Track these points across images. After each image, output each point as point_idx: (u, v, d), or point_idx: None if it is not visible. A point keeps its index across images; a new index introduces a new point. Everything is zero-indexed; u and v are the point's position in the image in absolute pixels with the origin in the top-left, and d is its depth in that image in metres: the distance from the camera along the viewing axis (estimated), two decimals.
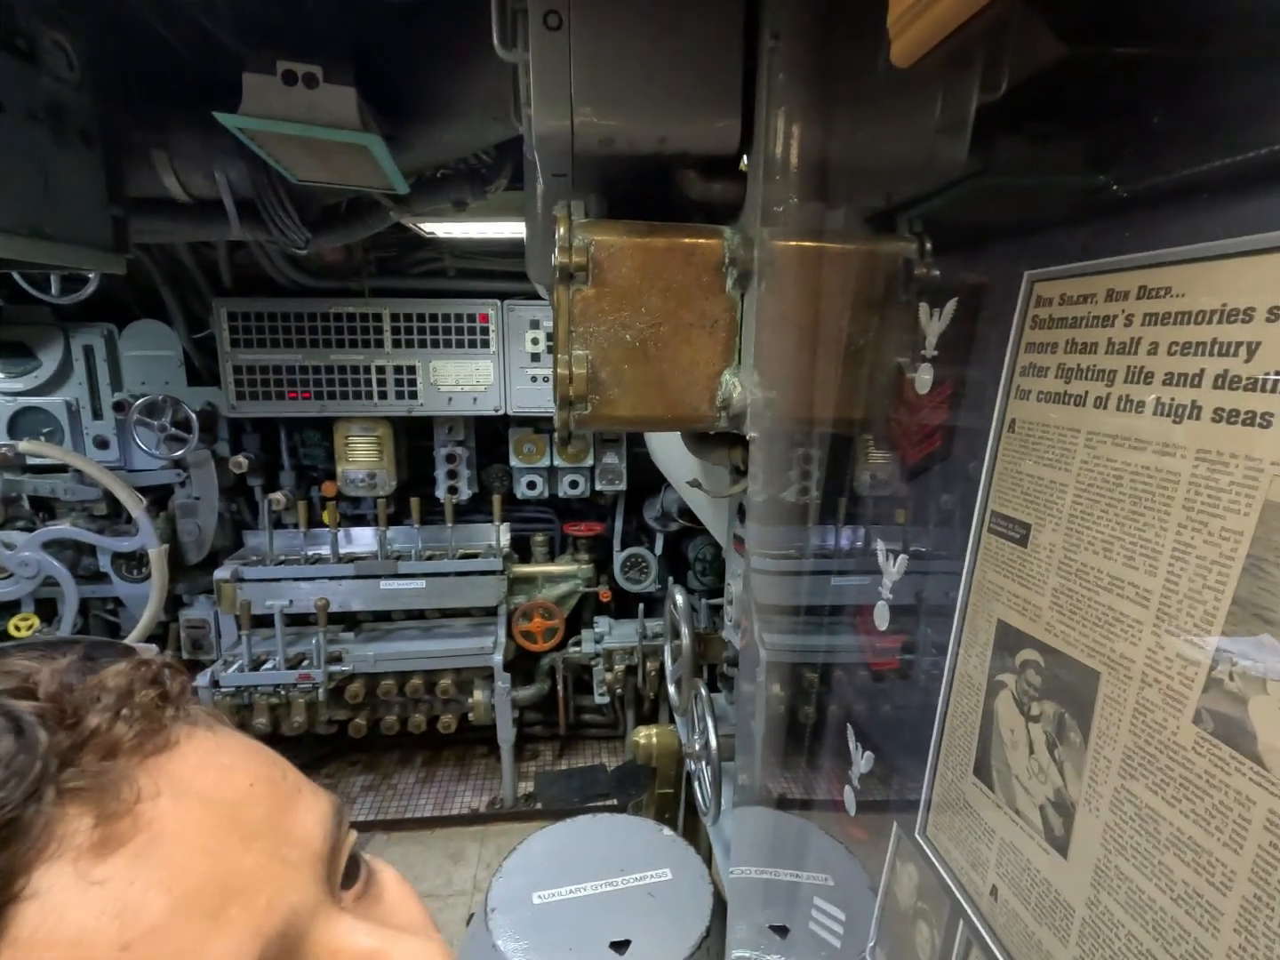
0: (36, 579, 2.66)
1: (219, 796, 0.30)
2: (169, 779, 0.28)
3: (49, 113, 1.50)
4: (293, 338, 2.63)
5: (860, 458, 0.96)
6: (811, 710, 0.95)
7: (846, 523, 0.94)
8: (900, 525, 0.80)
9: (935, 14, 0.42)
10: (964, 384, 0.67)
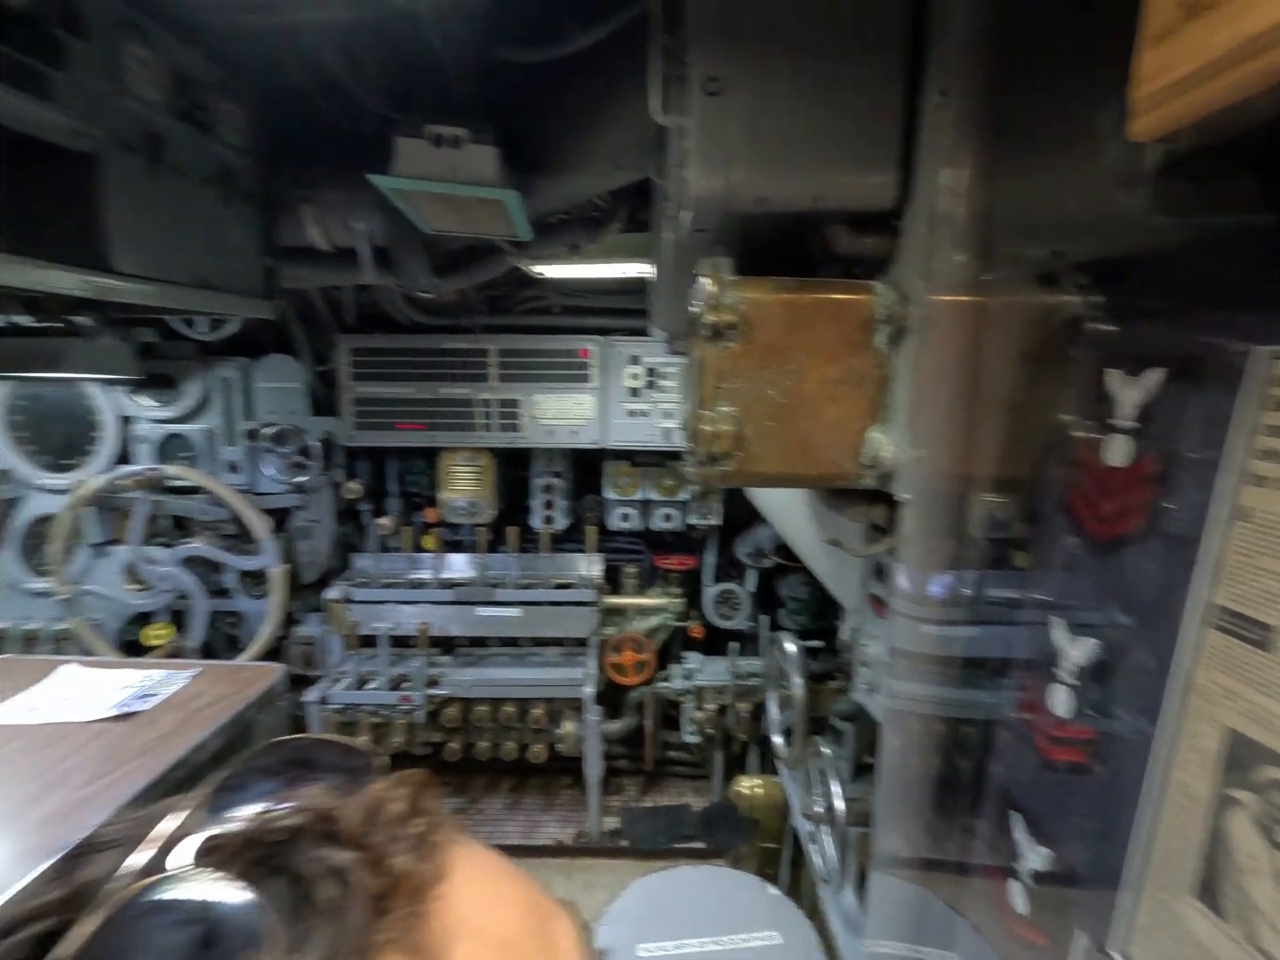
0: (173, 592, 2.88)
1: (500, 936, 0.30)
2: (454, 917, 0.28)
3: (219, 176, 1.65)
4: (407, 372, 2.77)
5: (1022, 523, 0.91)
6: (966, 786, 0.90)
7: (1010, 590, 0.89)
8: (1079, 602, 0.75)
9: (1202, 95, 0.39)
10: (1171, 461, 0.62)
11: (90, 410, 2.95)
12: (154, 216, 1.43)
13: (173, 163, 1.49)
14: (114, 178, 1.32)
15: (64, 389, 2.93)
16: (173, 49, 1.47)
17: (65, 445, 2.97)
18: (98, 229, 1.31)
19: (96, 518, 2.92)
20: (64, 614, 2.87)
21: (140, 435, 2.94)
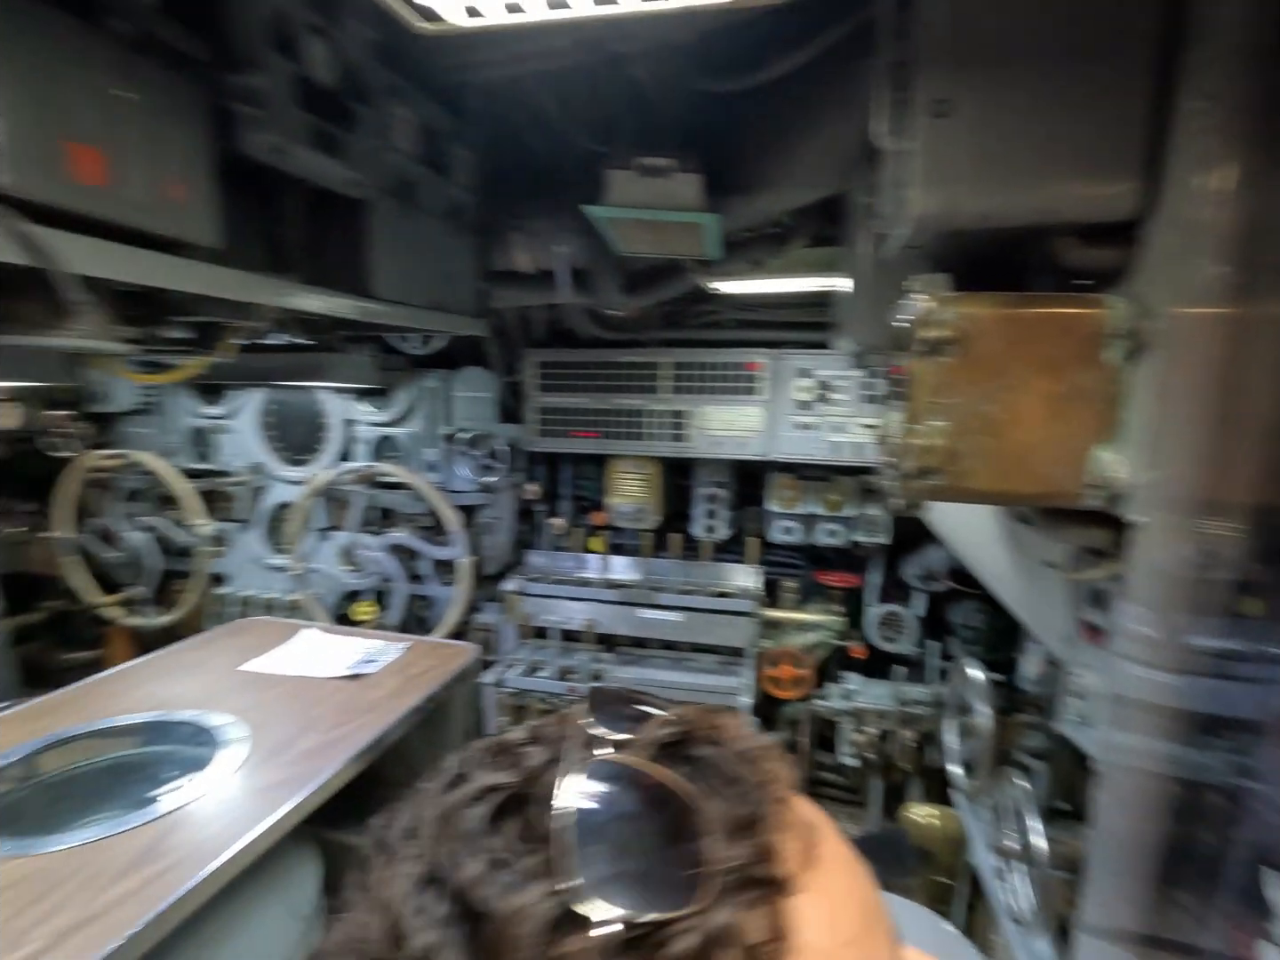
0: (379, 575, 3.28)
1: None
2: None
3: (451, 212, 1.89)
4: (585, 384, 2.96)
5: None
6: (1203, 859, 0.82)
7: (1264, 641, 0.81)
8: None
9: None
10: None
11: (322, 415, 3.44)
12: (403, 249, 1.68)
13: (418, 203, 1.73)
14: (378, 219, 1.57)
15: (303, 396, 3.45)
16: (423, 106, 1.71)
17: (302, 444, 3.50)
18: (364, 262, 1.56)
19: (323, 506, 3.39)
20: (295, 587, 3.37)
21: (359, 437, 3.38)
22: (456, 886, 0.28)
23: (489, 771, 0.33)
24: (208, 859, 1.18)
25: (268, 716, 1.65)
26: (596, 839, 0.28)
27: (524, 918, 0.26)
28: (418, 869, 0.30)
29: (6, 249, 0.78)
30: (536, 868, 0.28)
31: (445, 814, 0.31)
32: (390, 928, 0.28)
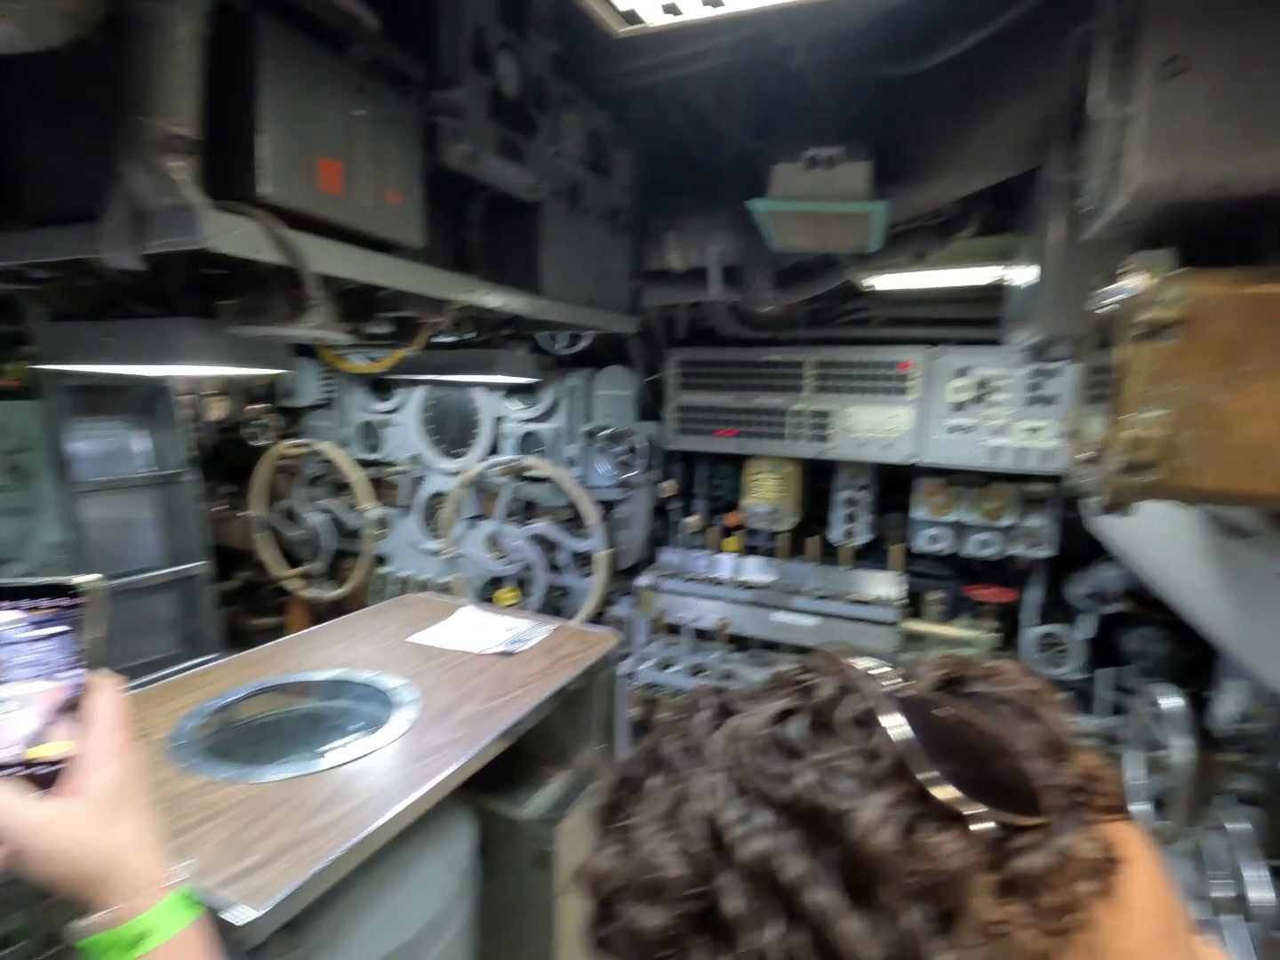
0: (520, 563, 3.46)
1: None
2: None
3: (610, 213, 1.96)
4: (726, 382, 2.97)
5: None
6: None
7: None
8: None
9: None
10: None
11: (474, 410, 3.69)
12: (567, 250, 1.76)
13: (582, 205, 1.80)
14: (547, 221, 1.66)
15: (459, 393, 3.71)
16: (590, 113, 1.79)
17: (457, 438, 3.76)
18: (534, 262, 1.65)
19: (473, 497, 3.63)
20: (446, 570, 3.63)
21: (507, 432, 3.59)
22: (787, 796, 0.29)
23: (772, 698, 0.34)
24: (386, 806, 1.30)
25: (433, 684, 1.79)
26: (933, 754, 0.29)
27: (883, 819, 0.27)
28: (723, 784, 0.31)
29: (268, 249, 0.91)
30: (877, 774, 0.29)
31: (740, 734, 0.33)
32: (705, 842, 0.30)
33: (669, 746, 0.36)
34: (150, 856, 0.49)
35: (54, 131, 1.00)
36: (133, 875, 0.48)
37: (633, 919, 0.31)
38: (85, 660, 0.50)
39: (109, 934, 0.46)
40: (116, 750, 0.50)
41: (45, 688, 0.48)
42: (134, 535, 3.04)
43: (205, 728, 1.56)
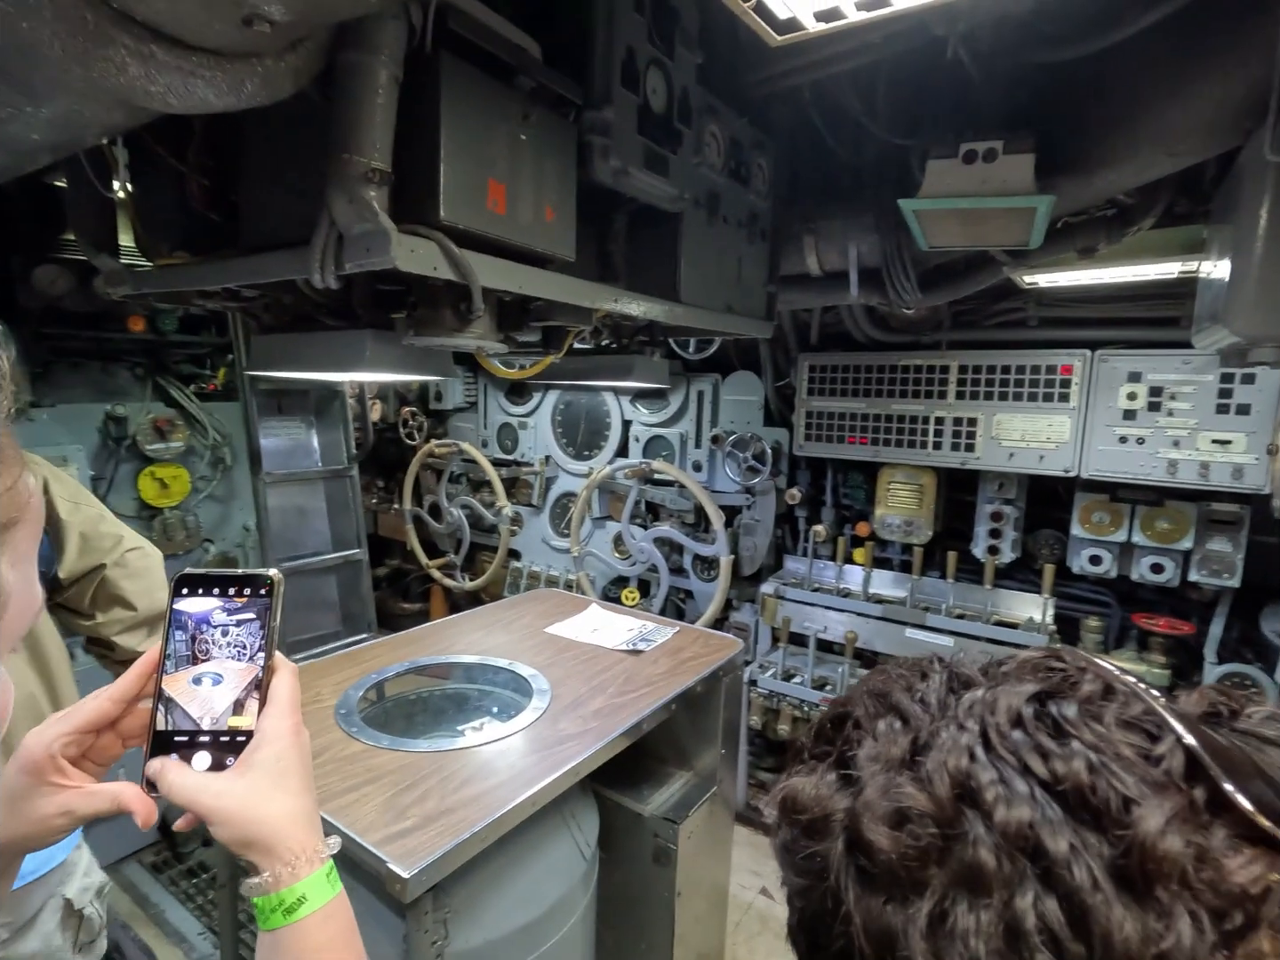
0: (644, 565, 3.53)
1: None
2: None
3: (748, 219, 1.96)
4: (859, 388, 2.87)
5: None
6: None
7: None
8: None
9: None
10: None
11: (604, 414, 3.81)
12: (705, 257, 1.78)
13: (721, 213, 1.82)
14: (688, 230, 1.68)
15: (590, 398, 3.85)
16: (731, 121, 1.80)
17: (587, 440, 3.90)
18: (674, 270, 1.68)
19: (600, 497, 3.75)
20: (574, 567, 3.77)
21: (635, 435, 3.68)
22: (1057, 773, 0.31)
23: (1020, 680, 0.36)
24: (523, 787, 1.38)
25: (564, 675, 1.87)
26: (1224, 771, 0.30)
27: (1176, 820, 0.28)
28: (977, 745, 0.33)
29: (444, 267, 1.00)
30: (1160, 778, 0.30)
31: (995, 704, 0.34)
32: (952, 791, 0.32)
33: (901, 697, 0.38)
34: (306, 831, 0.54)
35: (270, 171, 1.16)
36: (291, 846, 0.52)
37: (871, 839, 0.33)
38: (270, 645, 0.56)
39: (271, 897, 0.51)
40: (286, 730, 0.55)
41: (239, 667, 0.55)
42: (307, 522, 3.42)
43: (366, 699, 1.72)
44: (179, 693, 0.53)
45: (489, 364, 1.66)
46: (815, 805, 0.36)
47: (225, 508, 3.08)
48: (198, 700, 0.53)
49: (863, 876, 0.33)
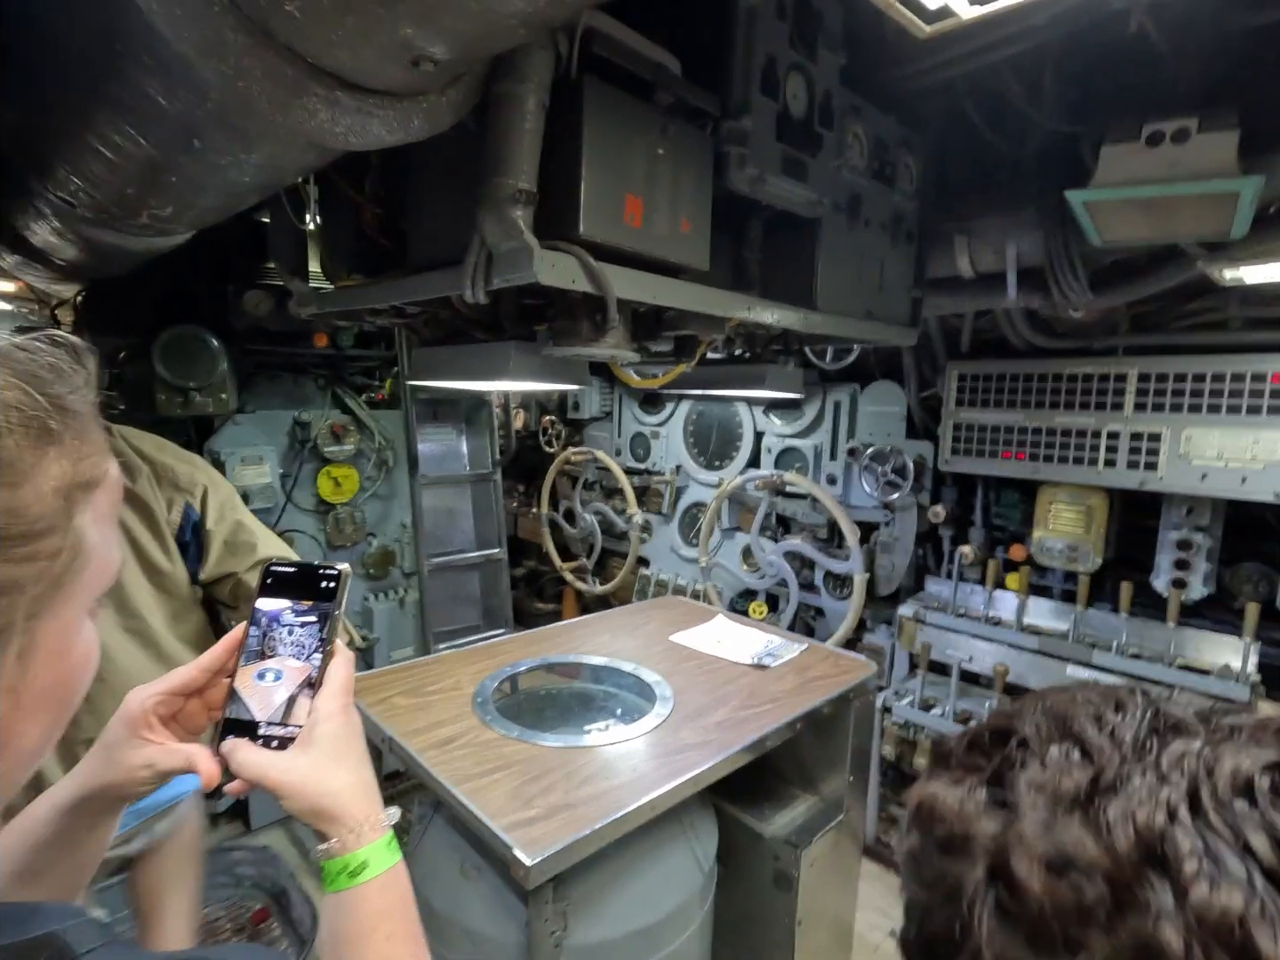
0: (773, 579, 3.45)
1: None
2: None
3: (892, 221, 1.87)
4: (1016, 398, 2.64)
5: None
6: None
7: None
8: None
9: None
10: None
11: (736, 424, 3.78)
12: (845, 262, 1.72)
13: (862, 216, 1.75)
14: (826, 235, 1.64)
15: (722, 408, 3.84)
16: (875, 120, 1.73)
17: (718, 450, 3.89)
18: (810, 277, 1.64)
19: (730, 508, 3.72)
20: (702, 577, 3.76)
21: (767, 446, 3.62)
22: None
23: (1261, 745, 0.31)
24: (644, 790, 1.39)
25: (688, 683, 1.87)
26: None
27: None
28: (1181, 804, 0.29)
29: (582, 280, 1.04)
30: None
31: (1216, 766, 0.30)
32: (1136, 850, 0.28)
33: (1086, 726, 0.34)
34: (367, 801, 0.57)
35: (431, 198, 1.27)
36: (354, 814, 0.56)
37: (1022, 878, 0.30)
38: (330, 637, 0.61)
39: (337, 861, 0.55)
40: (338, 710, 0.59)
41: (297, 665, 0.59)
42: (455, 522, 3.69)
43: (500, 691, 1.82)
44: (244, 685, 0.59)
45: (623, 373, 1.70)
46: (957, 820, 0.33)
47: (387, 505, 3.39)
48: (258, 694, 0.58)
49: (1003, 915, 0.30)
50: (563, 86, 1.01)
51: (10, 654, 0.37)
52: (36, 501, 0.36)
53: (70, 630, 0.41)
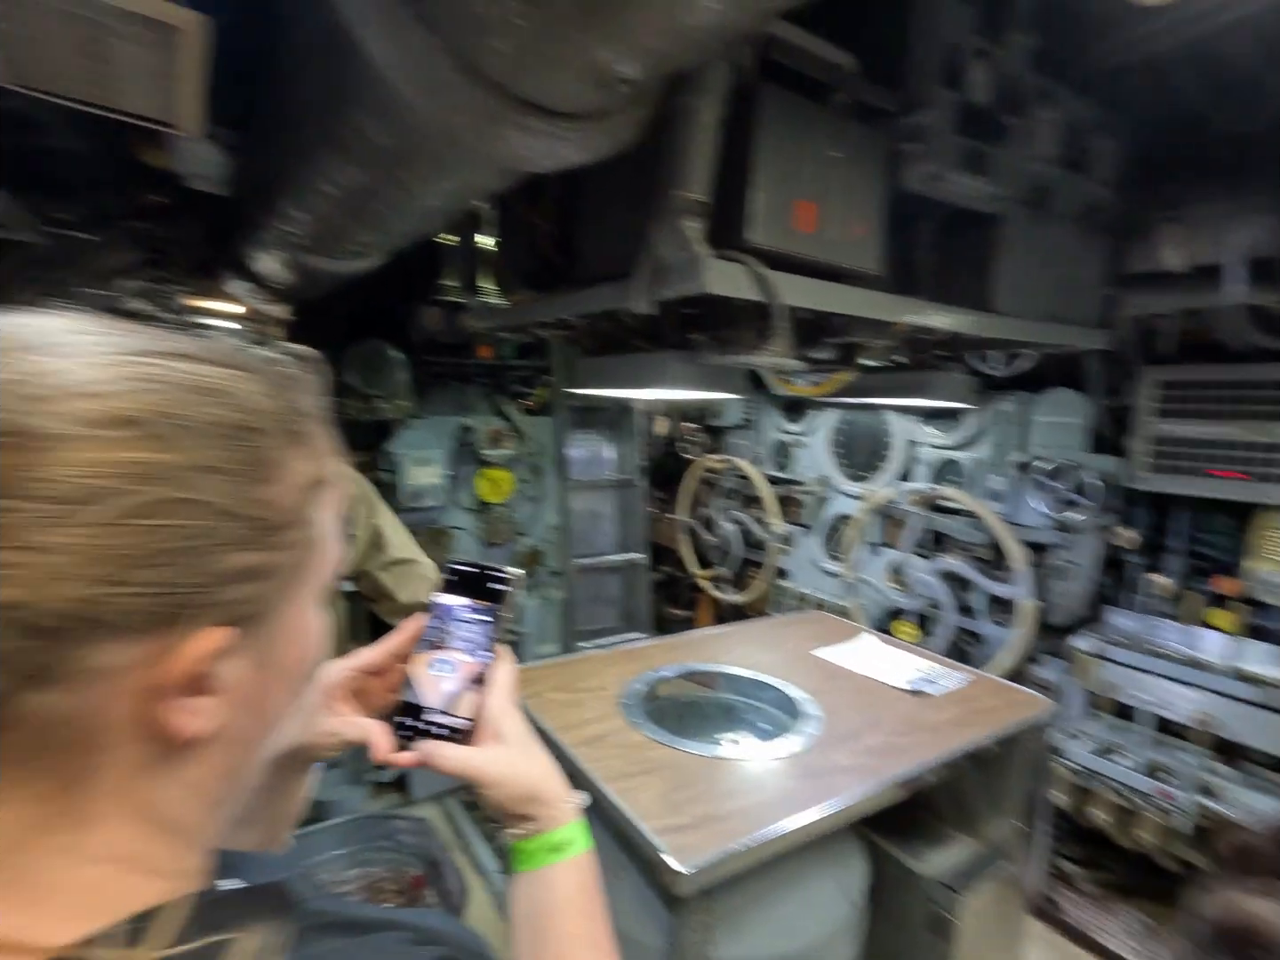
0: (925, 599, 3.23)
1: None
2: None
3: (1084, 213, 1.70)
4: (1235, 409, 2.29)
5: None
6: None
7: None
8: None
9: None
10: None
11: (885, 434, 3.59)
12: (1027, 260, 1.58)
13: (1050, 208, 1.60)
14: (1007, 231, 1.51)
15: (870, 416, 3.66)
16: (1068, 103, 1.58)
17: (865, 461, 3.72)
18: (987, 276, 1.52)
19: (878, 523, 3.54)
20: (844, 593, 3.61)
21: (921, 458, 3.40)
22: None
23: None
24: (794, 809, 1.34)
25: (836, 704, 1.79)
26: None
27: None
28: None
29: (750, 288, 1.03)
30: None
31: None
32: None
33: None
34: (559, 786, 0.62)
35: (600, 214, 1.32)
36: (554, 796, 0.60)
37: None
38: (496, 645, 0.64)
39: (539, 839, 0.59)
40: (510, 708, 0.62)
41: (467, 660, 0.62)
42: (599, 525, 3.81)
43: (645, 694, 1.84)
44: (418, 673, 0.63)
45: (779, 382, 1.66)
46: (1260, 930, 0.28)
47: (537, 507, 3.57)
48: (431, 683, 0.62)
49: None
50: (737, 95, 1.01)
51: (266, 632, 0.41)
52: (287, 496, 0.40)
53: (308, 614, 0.46)
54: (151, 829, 0.38)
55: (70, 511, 0.31)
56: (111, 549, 0.32)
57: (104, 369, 0.34)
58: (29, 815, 0.34)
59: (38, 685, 0.32)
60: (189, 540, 0.35)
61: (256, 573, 0.38)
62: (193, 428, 0.35)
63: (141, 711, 0.35)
